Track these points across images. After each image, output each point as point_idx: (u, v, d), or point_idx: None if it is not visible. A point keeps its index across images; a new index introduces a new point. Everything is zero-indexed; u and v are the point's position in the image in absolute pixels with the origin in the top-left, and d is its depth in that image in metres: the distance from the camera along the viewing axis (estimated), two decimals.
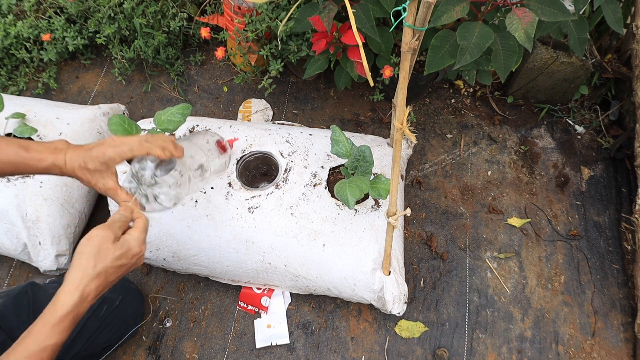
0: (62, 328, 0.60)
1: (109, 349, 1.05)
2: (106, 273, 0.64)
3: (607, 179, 1.42)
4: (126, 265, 0.66)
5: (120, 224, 0.68)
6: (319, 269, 1.07)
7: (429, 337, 1.18)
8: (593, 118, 1.53)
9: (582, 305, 1.23)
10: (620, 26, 1.07)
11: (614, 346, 1.18)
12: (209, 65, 1.65)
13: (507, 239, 1.32)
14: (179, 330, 1.18)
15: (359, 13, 1.08)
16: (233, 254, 1.08)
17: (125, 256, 0.65)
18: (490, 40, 0.95)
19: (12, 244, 1.14)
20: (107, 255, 0.64)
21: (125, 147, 0.72)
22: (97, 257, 0.63)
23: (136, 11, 1.47)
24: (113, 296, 1.02)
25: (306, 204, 1.09)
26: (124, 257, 0.65)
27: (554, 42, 1.39)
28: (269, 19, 1.30)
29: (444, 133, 1.50)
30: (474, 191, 1.40)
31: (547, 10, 0.92)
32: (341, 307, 1.21)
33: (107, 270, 0.64)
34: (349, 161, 1.07)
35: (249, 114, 1.51)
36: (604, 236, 1.33)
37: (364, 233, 1.08)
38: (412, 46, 0.71)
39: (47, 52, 1.52)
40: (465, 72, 1.23)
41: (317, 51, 1.15)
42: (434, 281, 1.25)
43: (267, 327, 1.17)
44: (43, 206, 1.13)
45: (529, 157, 1.46)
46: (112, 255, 0.64)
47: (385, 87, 1.48)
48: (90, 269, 0.62)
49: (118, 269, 0.65)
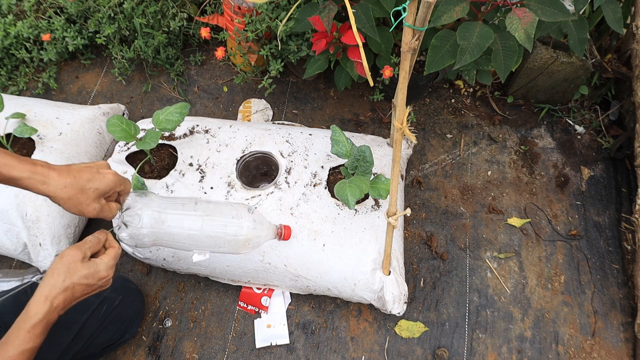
0: (36, 334, 0.66)
1: (109, 348, 1.05)
2: (73, 289, 0.69)
3: (607, 179, 1.42)
4: (93, 286, 0.72)
5: (90, 244, 0.74)
6: (319, 269, 1.07)
7: (429, 337, 1.18)
8: (593, 118, 1.53)
9: (582, 305, 1.23)
10: (620, 26, 1.07)
11: (614, 346, 1.18)
12: (209, 65, 1.65)
13: (507, 239, 1.32)
14: (179, 330, 1.18)
15: (359, 13, 1.08)
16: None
17: (92, 277, 0.71)
18: (490, 40, 0.95)
19: (12, 244, 1.14)
20: (74, 272, 0.70)
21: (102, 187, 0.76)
22: (65, 273, 0.69)
23: (136, 11, 1.47)
24: (113, 296, 1.02)
25: (306, 204, 1.09)
26: (90, 277, 0.71)
27: (554, 42, 1.39)
28: (269, 19, 1.30)
29: (444, 133, 1.50)
30: (474, 191, 1.40)
31: (547, 10, 0.92)
32: (341, 307, 1.21)
33: (74, 286, 0.69)
34: (349, 161, 1.07)
35: (249, 114, 1.51)
36: (604, 236, 1.33)
37: (364, 233, 1.08)
38: (412, 46, 0.71)
39: (47, 52, 1.52)
40: (465, 72, 1.23)
41: (317, 51, 1.15)
42: (434, 281, 1.25)
43: (267, 327, 1.17)
44: (43, 206, 1.13)
45: (529, 157, 1.46)
46: (79, 273, 0.70)
47: (385, 87, 1.48)
48: (59, 283, 0.68)
49: (85, 287, 0.71)
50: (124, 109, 1.45)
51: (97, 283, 0.72)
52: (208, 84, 1.61)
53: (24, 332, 0.66)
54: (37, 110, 1.25)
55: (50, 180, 0.69)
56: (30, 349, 0.66)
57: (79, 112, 1.30)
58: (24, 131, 1.13)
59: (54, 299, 0.67)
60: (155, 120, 1.08)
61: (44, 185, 0.69)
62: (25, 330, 0.66)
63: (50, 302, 0.67)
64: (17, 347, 0.65)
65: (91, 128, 1.29)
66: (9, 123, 1.19)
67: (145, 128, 1.19)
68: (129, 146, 1.18)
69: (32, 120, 1.23)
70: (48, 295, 0.67)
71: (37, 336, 0.66)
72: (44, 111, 1.26)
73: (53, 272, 0.69)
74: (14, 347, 0.65)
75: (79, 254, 0.71)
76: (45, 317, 0.67)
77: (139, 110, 1.55)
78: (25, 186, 0.69)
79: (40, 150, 1.18)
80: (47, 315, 0.67)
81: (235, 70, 1.62)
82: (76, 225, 1.20)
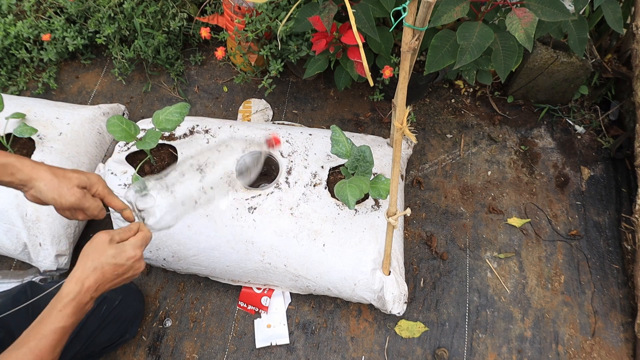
0: (67, 312, 0.69)
1: (109, 348, 1.05)
2: (102, 269, 0.71)
3: (607, 179, 1.42)
4: (123, 266, 0.73)
5: (120, 230, 0.76)
6: (319, 269, 1.07)
7: (429, 337, 1.18)
8: (593, 118, 1.53)
9: (582, 305, 1.23)
10: (620, 26, 1.07)
11: (614, 346, 1.18)
12: (209, 65, 1.65)
13: (507, 239, 1.32)
14: (179, 330, 1.18)
15: (359, 13, 1.08)
16: (233, 254, 1.08)
17: (120, 256, 0.72)
18: (490, 40, 0.95)
19: (12, 244, 1.14)
20: (102, 252, 0.72)
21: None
22: (94, 254, 0.72)
23: (136, 11, 1.47)
24: (113, 296, 1.02)
25: (306, 204, 1.09)
26: (118, 257, 0.72)
27: (554, 42, 1.39)
28: (269, 19, 1.30)
29: (444, 133, 1.50)
30: (474, 191, 1.40)
31: (547, 10, 0.92)
32: (341, 307, 1.21)
33: (103, 266, 0.71)
34: (349, 161, 1.07)
35: (249, 114, 1.51)
36: (604, 236, 1.33)
37: (364, 233, 1.07)
38: (412, 46, 0.71)
39: (47, 52, 1.52)
40: (465, 72, 1.23)
41: (317, 51, 1.15)
42: (434, 281, 1.25)
43: (267, 327, 1.17)
44: (43, 206, 1.13)
45: (529, 157, 1.46)
46: (107, 253, 0.72)
47: (385, 87, 1.48)
48: (89, 264, 0.71)
49: (114, 267, 0.72)
50: (124, 109, 1.45)
51: (125, 263, 0.73)
52: (208, 84, 1.61)
53: (55, 312, 0.68)
54: (37, 110, 1.25)
55: (24, 167, 0.74)
56: (62, 327, 0.68)
57: (79, 112, 1.30)
58: (24, 131, 1.13)
59: (85, 279, 0.70)
60: (155, 120, 1.08)
61: (18, 173, 0.73)
62: (57, 310, 0.68)
63: (82, 283, 0.70)
64: (49, 325, 0.68)
65: (91, 128, 1.29)
66: (9, 123, 1.19)
67: (145, 128, 1.19)
68: (129, 146, 1.18)
69: (32, 120, 1.23)
70: (80, 277, 0.70)
71: (68, 316, 0.69)
72: (44, 111, 1.26)
73: (83, 255, 0.72)
74: (47, 324, 0.68)
75: (106, 236, 0.73)
76: (77, 297, 0.69)
77: (139, 110, 1.55)
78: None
79: (40, 150, 1.18)
80: (78, 295, 0.69)
81: (235, 70, 1.62)
82: (76, 225, 1.20)
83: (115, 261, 0.72)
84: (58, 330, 0.68)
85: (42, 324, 0.69)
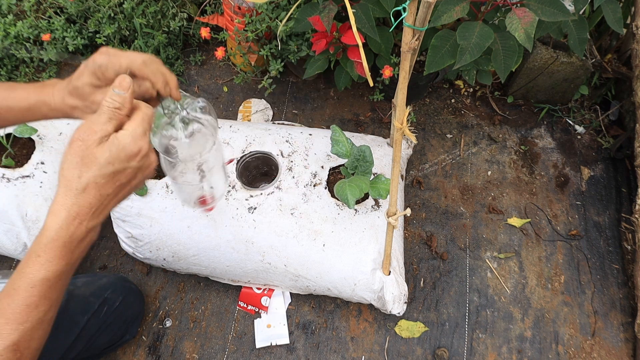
0: (50, 257, 0.49)
1: (109, 349, 1.05)
2: (97, 184, 0.49)
3: (607, 179, 1.42)
4: (126, 171, 0.51)
5: (107, 116, 0.51)
6: (319, 269, 1.07)
7: (429, 337, 1.18)
8: (593, 118, 1.53)
9: (582, 305, 1.23)
10: (620, 26, 1.07)
11: (614, 346, 1.18)
12: (209, 65, 1.65)
13: (507, 239, 1.32)
14: (179, 330, 1.18)
15: (359, 13, 1.08)
16: (233, 254, 1.08)
17: (119, 160, 0.50)
18: (490, 40, 0.95)
19: (12, 244, 1.14)
20: (92, 161, 0.49)
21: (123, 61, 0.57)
22: (81, 166, 0.49)
23: (136, 11, 1.47)
24: (113, 297, 1.02)
25: (306, 204, 1.09)
26: (117, 162, 0.50)
27: (554, 42, 1.39)
28: (269, 19, 1.30)
29: (444, 133, 1.50)
30: (474, 191, 1.40)
31: (547, 10, 0.92)
32: (341, 307, 1.21)
33: (97, 181, 0.49)
34: (349, 161, 1.07)
35: (249, 114, 1.51)
36: (604, 236, 1.33)
37: (364, 233, 1.08)
38: (412, 46, 0.71)
39: (47, 52, 1.52)
40: (465, 72, 1.23)
41: (317, 51, 1.15)
42: (434, 281, 1.25)
43: (267, 327, 1.17)
44: (43, 206, 1.13)
45: (529, 157, 1.46)
46: (99, 159, 0.49)
47: (385, 87, 1.48)
48: (74, 182, 0.49)
49: (113, 176, 0.50)
50: None
51: (129, 165, 0.51)
52: (208, 84, 1.61)
53: (34, 258, 0.49)
54: None
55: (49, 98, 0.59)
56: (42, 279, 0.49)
57: None
58: (24, 131, 1.13)
59: (72, 204, 0.49)
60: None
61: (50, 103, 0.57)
62: (36, 255, 0.49)
63: (67, 210, 0.49)
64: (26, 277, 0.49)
65: None
66: None
67: None
68: None
69: None
70: (64, 202, 0.49)
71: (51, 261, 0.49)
72: None
73: (63, 169, 0.50)
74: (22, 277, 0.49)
75: (91, 135, 0.50)
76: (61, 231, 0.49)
77: None
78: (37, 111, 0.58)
79: (40, 150, 1.18)
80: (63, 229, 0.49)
81: (235, 70, 1.62)
82: None
83: (114, 168, 0.50)
84: (38, 283, 0.49)
85: (17, 276, 0.49)
